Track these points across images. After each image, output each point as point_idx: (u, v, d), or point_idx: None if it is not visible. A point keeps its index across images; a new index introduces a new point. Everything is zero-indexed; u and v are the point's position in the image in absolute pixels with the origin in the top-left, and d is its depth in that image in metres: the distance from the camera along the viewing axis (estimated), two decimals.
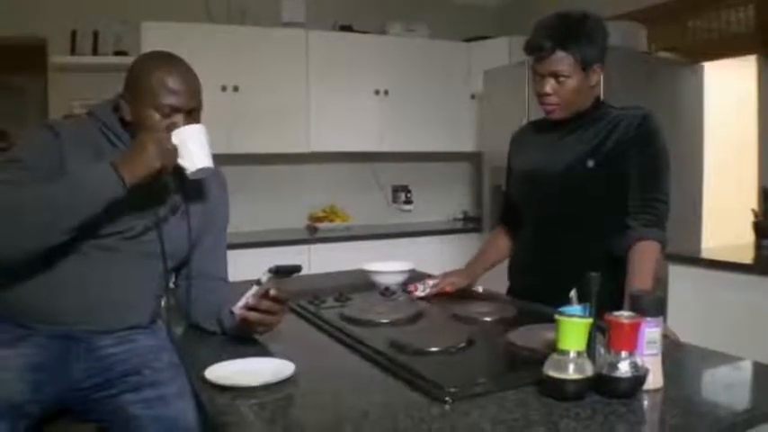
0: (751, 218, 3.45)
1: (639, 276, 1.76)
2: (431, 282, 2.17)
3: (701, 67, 4.04)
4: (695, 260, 3.20)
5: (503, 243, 2.33)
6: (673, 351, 1.51)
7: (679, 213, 3.69)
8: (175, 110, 1.64)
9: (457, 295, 2.16)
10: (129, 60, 4.26)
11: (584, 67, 1.90)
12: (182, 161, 1.60)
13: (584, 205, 1.97)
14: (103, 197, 1.49)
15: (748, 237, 3.46)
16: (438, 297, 2.16)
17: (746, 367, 1.45)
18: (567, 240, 2.00)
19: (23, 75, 5.96)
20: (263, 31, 4.63)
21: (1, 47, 4.82)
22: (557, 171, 2.00)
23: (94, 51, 4.48)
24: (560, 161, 2.00)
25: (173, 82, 1.64)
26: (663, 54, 4.04)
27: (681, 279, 3.17)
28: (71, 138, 1.62)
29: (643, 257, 1.82)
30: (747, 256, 3.22)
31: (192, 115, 1.68)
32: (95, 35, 4.47)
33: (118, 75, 4.45)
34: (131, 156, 1.51)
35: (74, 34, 4.43)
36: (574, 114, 1.99)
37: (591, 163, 1.93)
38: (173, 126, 1.63)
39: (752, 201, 3.70)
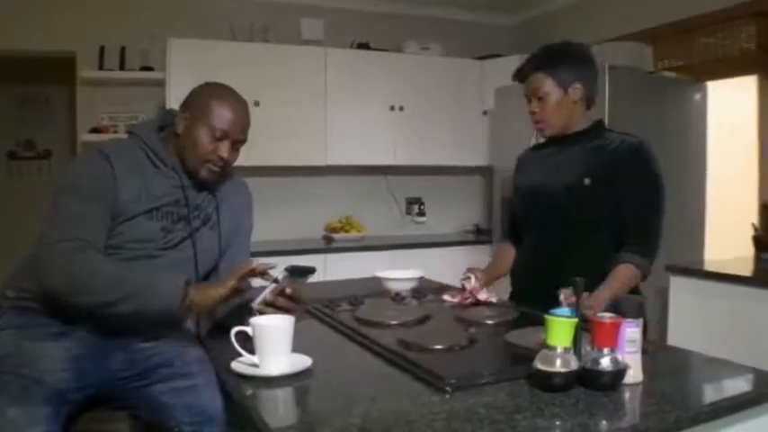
0: (751, 232, 3.54)
1: (607, 288, 1.90)
2: (469, 282, 2.18)
3: (705, 86, 4.13)
4: (696, 272, 3.29)
5: (508, 257, 2.42)
6: (658, 351, 1.66)
7: (682, 227, 3.86)
8: (225, 135, 1.82)
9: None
10: (154, 75, 4.51)
11: (562, 84, 2.09)
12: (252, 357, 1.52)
13: (582, 219, 2.10)
14: (164, 308, 1.65)
15: (749, 250, 3.54)
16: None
17: (720, 366, 1.58)
18: (566, 250, 2.12)
19: (51, 86, 6.18)
20: (283, 48, 4.76)
21: (31, 59, 5.04)
22: (557, 188, 2.14)
23: (121, 66, 4.61)
24: (560, 179, 2.14)
25: (230, 111, 1.83)
26: (668, 73, 4.15)
27: (682, 290, 3.29)
28: (120, 164, 1.76)
29: (616, 276, 1.97)
30: (747, 269, 3.30)
31: (236, 147, 1.87)
32: (123, 51, 4.60)
33: (144, 89, 4.69)
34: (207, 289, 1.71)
35: (102, 49, 4.57)
36: (572, 133, 2.15)
37: (587, 181, 2.07)
38: (217, 149, 1.81)
39: (752, 215, 3.80)
